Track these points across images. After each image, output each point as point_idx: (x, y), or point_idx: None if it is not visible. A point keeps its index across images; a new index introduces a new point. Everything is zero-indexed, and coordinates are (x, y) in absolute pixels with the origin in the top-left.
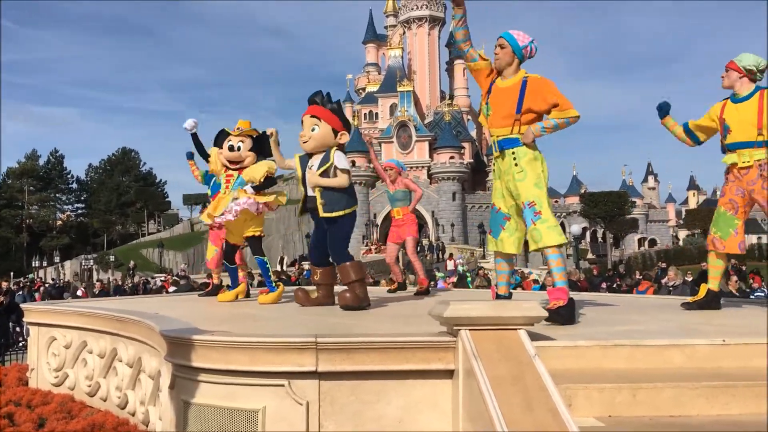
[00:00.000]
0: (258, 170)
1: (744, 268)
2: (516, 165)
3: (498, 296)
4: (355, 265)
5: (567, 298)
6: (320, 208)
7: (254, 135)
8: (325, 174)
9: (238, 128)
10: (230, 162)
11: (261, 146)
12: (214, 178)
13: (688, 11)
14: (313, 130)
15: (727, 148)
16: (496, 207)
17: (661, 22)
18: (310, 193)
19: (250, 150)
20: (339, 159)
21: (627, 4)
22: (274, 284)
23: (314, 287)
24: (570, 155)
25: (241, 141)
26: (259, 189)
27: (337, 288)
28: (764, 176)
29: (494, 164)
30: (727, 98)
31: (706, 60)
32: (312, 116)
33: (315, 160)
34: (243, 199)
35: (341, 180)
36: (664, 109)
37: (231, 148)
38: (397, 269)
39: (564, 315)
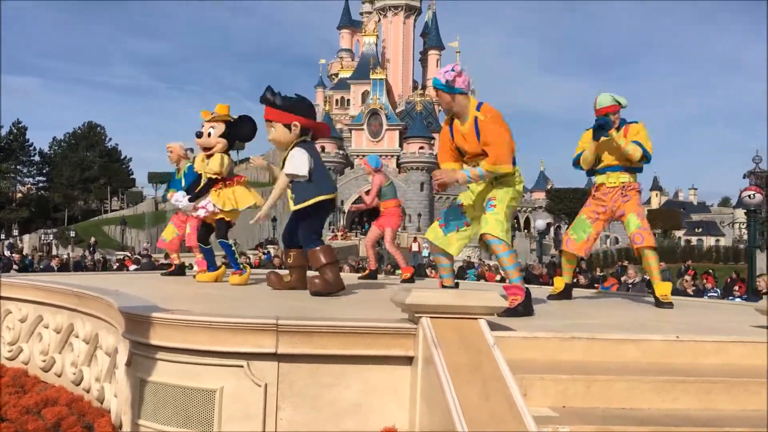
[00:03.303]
0: (210, 166)
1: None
2: (491, 184)
3: (444, 287)
4: (324, 248)
5: (524, 293)
6: (290, 202)
7: (228, 120)
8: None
9: (211, 113)
10: (203, 149)
11: (237, 132)
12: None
13: (658, 10)
14: (270, 132)
15: (597, 171)
16: (463, 206)
17: (635, 20)
18: None
19: (221, 136)
20: (290, 157)
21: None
22: (241, 266)
23: (287, 271)
24: (538, 151)
25: (212, 126)
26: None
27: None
28: (624, 195)
29: None
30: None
31: (668, 58)
32: (266, 120)
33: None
34: (210, 206)
35: (281, 182)
36: (605, 129)
37: (199, 135)
38: (372, 254)
39: (522, 312)
